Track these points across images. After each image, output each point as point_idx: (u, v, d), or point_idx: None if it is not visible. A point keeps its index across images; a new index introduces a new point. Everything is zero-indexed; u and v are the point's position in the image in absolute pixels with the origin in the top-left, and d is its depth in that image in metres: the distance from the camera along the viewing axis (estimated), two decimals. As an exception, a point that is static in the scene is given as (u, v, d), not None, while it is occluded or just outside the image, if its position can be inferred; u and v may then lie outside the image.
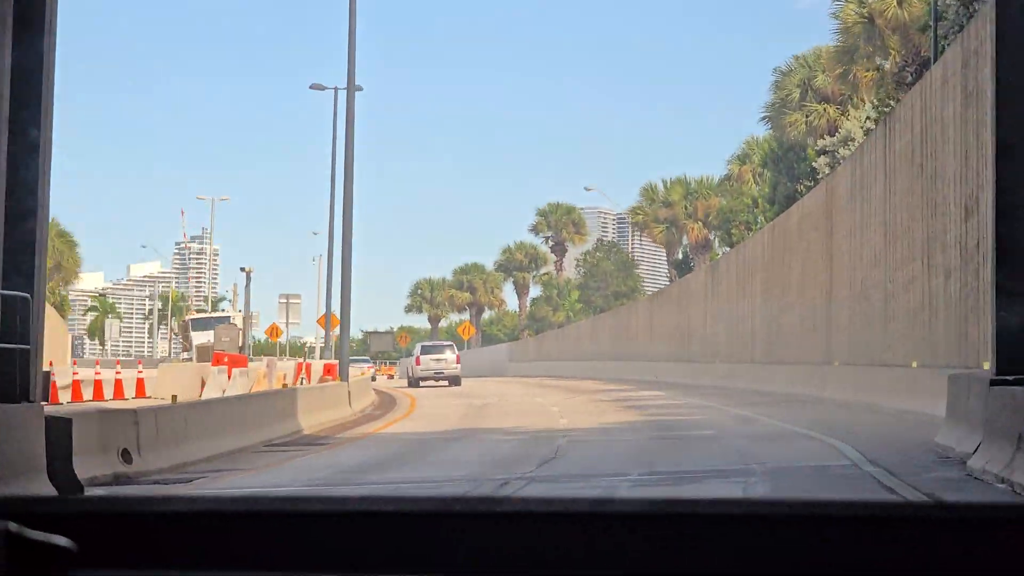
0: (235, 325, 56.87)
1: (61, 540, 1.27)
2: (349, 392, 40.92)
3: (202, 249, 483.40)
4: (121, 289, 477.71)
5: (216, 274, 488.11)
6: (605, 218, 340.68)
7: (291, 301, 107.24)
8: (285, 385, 44.77)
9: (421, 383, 61.81)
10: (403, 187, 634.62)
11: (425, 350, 64.05)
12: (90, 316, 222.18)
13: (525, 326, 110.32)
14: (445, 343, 67.33)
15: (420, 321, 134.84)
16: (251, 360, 52.09)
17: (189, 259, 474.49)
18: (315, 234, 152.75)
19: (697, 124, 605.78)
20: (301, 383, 45.52)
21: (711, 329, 61.69)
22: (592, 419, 33.94)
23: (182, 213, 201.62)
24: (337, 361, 44.48)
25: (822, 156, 54.66)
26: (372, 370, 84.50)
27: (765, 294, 53.25)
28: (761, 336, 53.52)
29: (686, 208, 79.22)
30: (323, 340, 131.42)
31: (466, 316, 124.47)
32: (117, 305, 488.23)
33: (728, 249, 62.49)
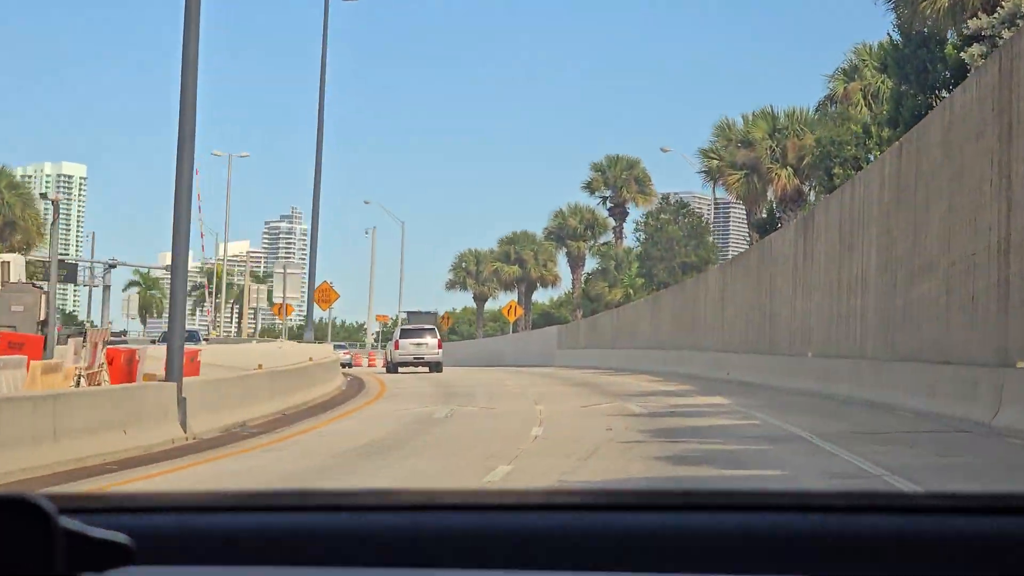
0: (32, 286, 37.79)
1: (120, 537, 1.28)
2: (182, 400, 22.65)
3: (291, 228, 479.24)
4: (211, 267, 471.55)
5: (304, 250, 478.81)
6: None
7: (288, 273, 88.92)
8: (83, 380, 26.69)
9: (400, 368, 59.65)
10: (442, 143, 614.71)
11: (405, 334, 61.78)
12: (132, 291, 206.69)
13: (578, 305, 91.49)
14: (427, 327, 64.16)
15: (464, 301, 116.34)
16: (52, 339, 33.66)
17: (279, 238, 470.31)
18: (367, 203, 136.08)
19: (788, 46, 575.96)
20: (79, 381, 27.04)
21: (802, 307, 42.96)
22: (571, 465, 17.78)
23: (196, 172, 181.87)
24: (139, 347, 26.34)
25: (974, 45, 35.85)
26: (347, 355, 79.30)
27: (885, 253, 34.63)
28: (877, 317, 34.86)
29: (772, 149, 60.07)
30: (376, 328, 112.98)
31: (517, 295, 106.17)
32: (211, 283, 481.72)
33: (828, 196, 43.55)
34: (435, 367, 59.60)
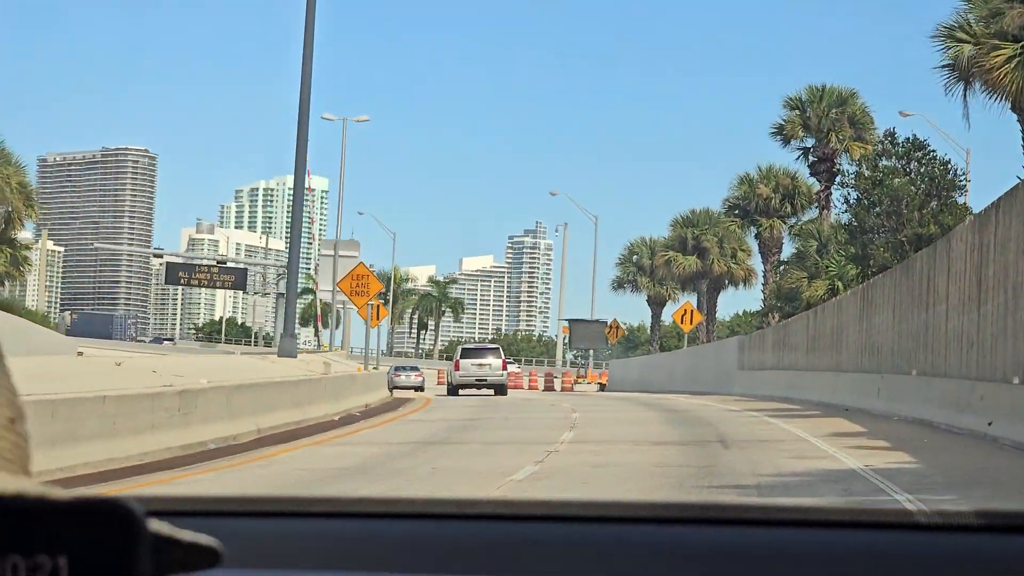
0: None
1: (208, 540, 1.28)
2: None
3: (535, 244, 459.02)
4: (451, 283, 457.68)
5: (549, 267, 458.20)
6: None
7: (341, 255, 64.52)
8: None
9: (461, 391, 57.06)
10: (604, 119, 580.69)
11: (466, 353, 58.70)
12: (305, 299, 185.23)
13: (771, 308, 63.77)
14: (490, 346, 61.70)
15: (633, 306, 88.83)
16: None
17: (523, 252, 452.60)
18: (553, 194, 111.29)
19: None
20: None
21: None
22: None
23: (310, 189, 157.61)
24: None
25: None
26: (419, 378, 69.33)
27: None
28: None
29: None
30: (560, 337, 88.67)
31: (696, 296, 78.85)
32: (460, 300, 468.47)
33: None
34: (499, 389, 56.67)
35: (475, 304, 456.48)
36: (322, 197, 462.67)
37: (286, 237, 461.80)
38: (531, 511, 2.30)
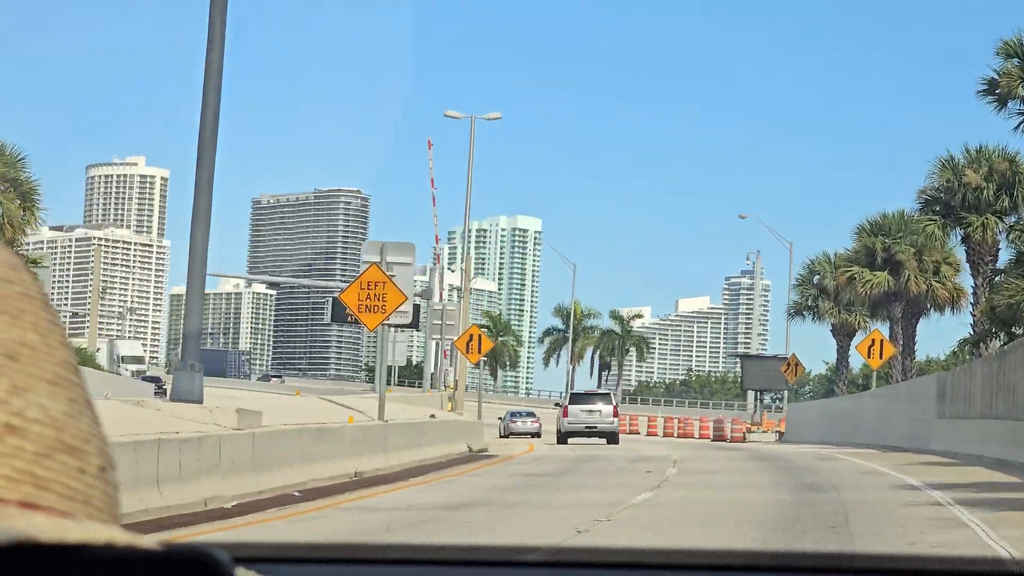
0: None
1: None
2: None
3: (752, 285, 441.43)
4: (668, 325, 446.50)
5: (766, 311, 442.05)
6: None
7: (393, 261, 50.11)
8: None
9: (570, 439, 54.40)
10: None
11: (575, 399, 56.13)
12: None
13: (980, 335, 46.91)
14: (601, 392, 59.22)
15: (815, 336, 72.44)
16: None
17: (740, 293, 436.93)
18: (742, 217, 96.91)
19: None
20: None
21: None
22: None
23: (429, 145, 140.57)
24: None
25: None
26: (535, 424, 67.11)
27: None
28: None
29: None
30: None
31: (889, 325, 61.97)
32: (655, 341, 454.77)
33: None
34: (611, 438, 54.05)
35: (691, 346, 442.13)
36: (535, 238, 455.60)
37: (499, 278, 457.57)
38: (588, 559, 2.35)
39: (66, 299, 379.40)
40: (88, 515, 1.14)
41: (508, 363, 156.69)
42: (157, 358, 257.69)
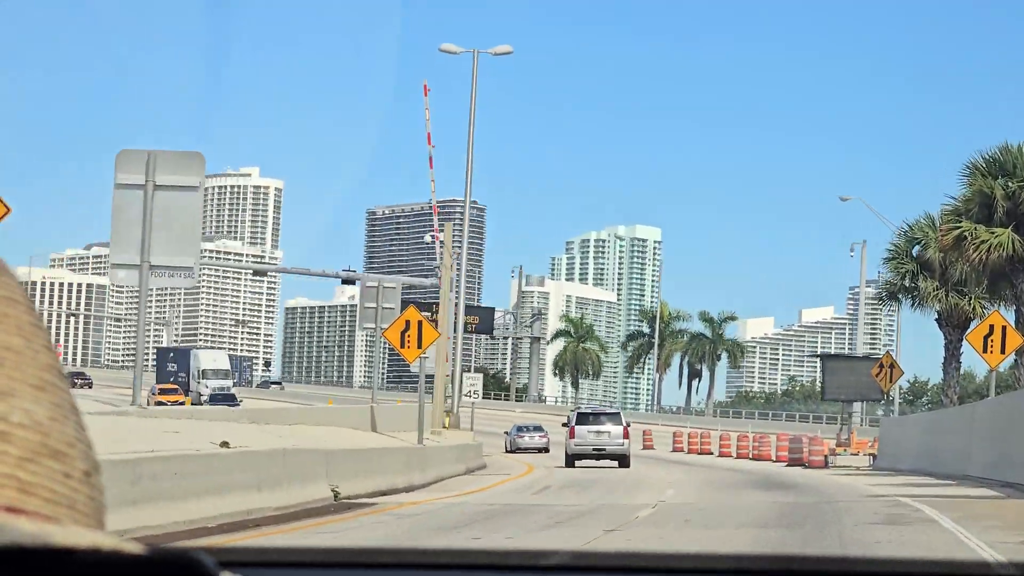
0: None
1: None
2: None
3: (879, 294, 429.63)
4: (792, 336, 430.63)
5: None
6: None
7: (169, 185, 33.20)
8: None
9: (577, 462, 51.31)
10: None
11: (582, 419, 52.55)
12: (559, 343, 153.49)
13: None
14: (610, 410, 56.36)
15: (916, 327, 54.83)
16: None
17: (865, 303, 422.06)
18: (844, 200, 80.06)
19: None
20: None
21: None
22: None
23: (425, 91, 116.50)
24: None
25: None
26: (544, 438, 65.99)
27: None
28: None
29: None
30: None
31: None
32: (778, 353, 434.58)
33: None
34: (622, 460, 50.98)
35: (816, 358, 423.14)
36: (655, 248, 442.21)
37: (618, 288, 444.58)
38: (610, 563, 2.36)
39: (178, 314, 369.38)
40: (74, 520, 1.13)
41: (591, 372, 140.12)
42: (270, 372, 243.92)
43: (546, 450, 64.42)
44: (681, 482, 37.36)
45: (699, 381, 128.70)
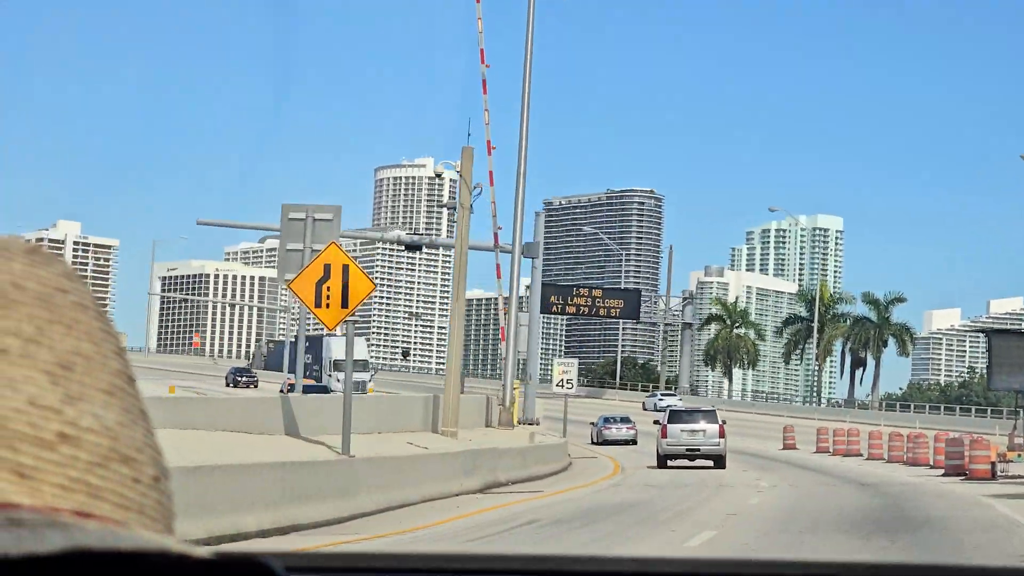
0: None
1: None
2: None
3: None
4: (979, 328, 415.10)
5: None
6: None
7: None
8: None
9: (670, 462, 49.57)
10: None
11: (675, 417, 51.06)
12: (712, 328, 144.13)
13: None
14: (705, 408, 54.69)
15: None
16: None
17: None
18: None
19: None
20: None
21: None
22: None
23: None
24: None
25: None
26: (631, 430, 66.23)
27: None
28: None
29: None
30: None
31: None
32: (964, 345, 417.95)
33: None
34: (718, 461, 49.03)
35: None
36: (836, 238, 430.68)
37: (799, 279, 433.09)
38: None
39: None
40: (142, 524, 1.14)
41: (747, 361, 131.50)
42: (408, 363, 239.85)
43: (633, 442, 63.42)
44: (747, 513, 27.58)
45: (863, 370, 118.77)
